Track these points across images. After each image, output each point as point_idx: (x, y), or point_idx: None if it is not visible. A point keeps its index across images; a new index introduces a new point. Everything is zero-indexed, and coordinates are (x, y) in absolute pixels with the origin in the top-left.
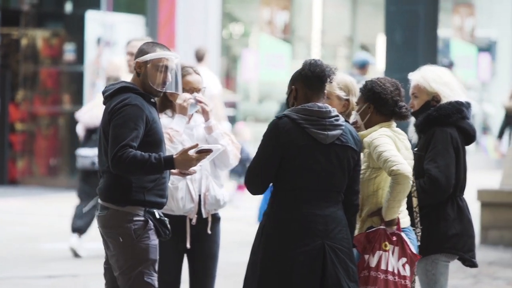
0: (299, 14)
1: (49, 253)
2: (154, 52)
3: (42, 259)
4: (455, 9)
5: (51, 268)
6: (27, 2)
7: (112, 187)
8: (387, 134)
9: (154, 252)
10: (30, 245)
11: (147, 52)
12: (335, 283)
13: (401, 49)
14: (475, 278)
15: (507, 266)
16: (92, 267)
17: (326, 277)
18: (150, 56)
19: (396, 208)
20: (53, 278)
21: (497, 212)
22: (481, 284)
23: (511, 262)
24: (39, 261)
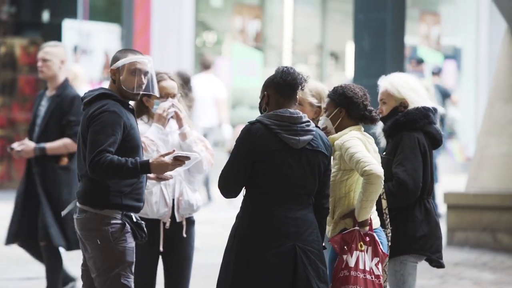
0: (270, 23)
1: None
2: (126, 57)
3: (21, 261)
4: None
5: (30, 270)
6: (5, 11)
7: (90, 191)
8: (357, 136)
9: (130, 255)
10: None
11: (119, 58)
12: (306, 284)
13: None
14: (441, 278)
15: (472, 267)
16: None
17: (297, 278)
18: (123, 61)
19: (369, 209)
20: (32, 280)
21: (463, 214)
22: (448, 284)
23: (476, 263)
24: (18, 263)
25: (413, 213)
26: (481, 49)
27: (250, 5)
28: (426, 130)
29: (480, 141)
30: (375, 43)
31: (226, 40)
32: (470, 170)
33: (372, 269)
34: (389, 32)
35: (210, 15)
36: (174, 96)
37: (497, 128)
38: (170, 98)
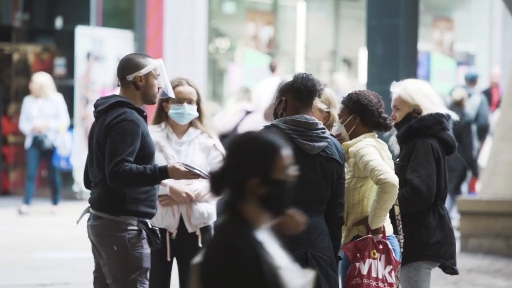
0: (283, 29)
1: (41, 262)
2: (149, 63)
3: (34, 268)
4: (435, 24)
5: (43, 276)
6: (19, 18)
7: (106, 198)
8: (372, 144)
9: (147, 261)
10: (23, 254)
11: (144, 64)
12: None
13: (382, 62)
14: (455, 285)
15: (486, 273)
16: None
17: None
18: (149, 67)
19: (382, 217)
20: (45, 286)
21: (476, 220)
22: None
23: (489, 270)
24: (32, 269)
25: (427, 220)
26: (495, 55)
27: (262, 11)
28: (440, 136)
29: (493, 147)
30: (388, 49)
31: (239, 46)
32: (483, 176)
33: (385, 277)
34: (402, 38)
35: (223, 21)
36: (190, 101)
37: (510, 134)
38: (186, 103)
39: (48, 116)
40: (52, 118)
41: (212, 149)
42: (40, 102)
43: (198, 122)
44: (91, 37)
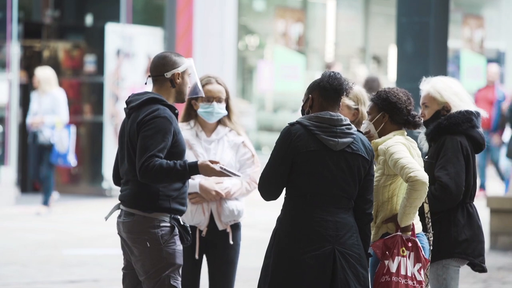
0: (313, 26)
1: (71, 259)
2: (184, 61)
3: (64, 265)
4: (465, 21)
5: (73, 273)
6: (49, 15)
7: (139, 195)
8: (402, 141)
9: (179, 257)
10: (52, 251)
11: (181, 62)
12: (345, 287)
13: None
14: (485, 282)
15: None
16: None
17: (336, 281)
18: (185, 65)
19: (412, 214)
20: (75, 283)
21: (506, 218)
22: None
23: None
24: (61, 266)
25: (456, 217)
26: None
27: (292, 9)
28: (469, 134)
29: None
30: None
31: (268, 43)
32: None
33: (414, 274)
34: (432, 35)
35: (252, 18)
36: (220, 100)
37: None
38: (215, 102)
39: (45, 111)
40: (49, 113)
41: (241, 146)
42: (40, 96)
43: (227, 120)
44: (121, 34)
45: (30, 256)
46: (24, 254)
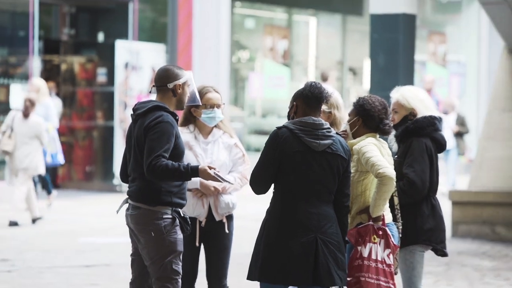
0: (296, 42)
1: (86, 246)
2: (185, 74)
3: (79, 251)
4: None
5: (87, 258)
6: (65, 32)
7: (144, 190)
8: (373, 142)
9: (180, 245)
10: (70, 239)
11: (182, 75)
12: (326, 271)
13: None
14: (447, 265)
15: (474, 255)
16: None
17: (318, 266)
18: (185, 77)
19: (381, 206)
20: (89, 267)
21: (466, 209)
22: (452, 271)
23: (477, 252)
24: (77, 252)
25: (421, 209)
26: (482, 65)
27: (279, 27)
28: (433, 136)
29: (481, 145)
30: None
31: (258, 57)
32: (472, 170)
33: (384, 259)
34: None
35: (243, 35)
36: (219, 106)
37: (495, 134)
38: (216, 108)
39: None
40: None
41: (234, 147)
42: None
43: (220, 124)
44: (128, 50)
45: (50, 243)
46: (44, 242)
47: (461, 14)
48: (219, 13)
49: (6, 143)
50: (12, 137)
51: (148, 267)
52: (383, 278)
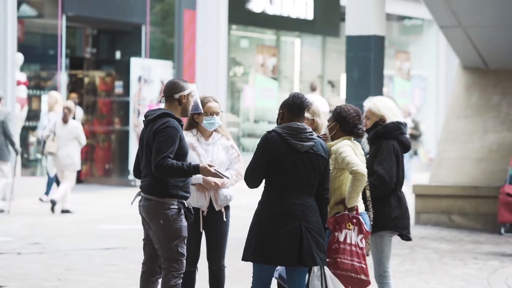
0: (284, 60)
1: (105, 232)
2: (189, 86)
3: (100, 236)
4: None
5: (106, 242)
6: (88, 51)
7: (154, 184)
8: (348, 144)
9: (185, 231)
10: (91, 226)
11: (187, 87)
12: (309, 253)
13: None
14: (411, 248)
15: (433, 240)
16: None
17: (302, 249)
18: (189, 89)
19: (355, 198)
20: (108, 249)
21: (427, 201)
22: (415, 252)
23: (436, 237)
24: (98, 237)
25: (389, 200)
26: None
27: (268, 46)
28: (399, 139)
29: (440, 147)
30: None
31: (251, 72)
32: (432, 168)
33: (357, 243)
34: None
35: (239, 53)
36: (218, 114)
37: (452, 137)
38: (215, 115)
39: None
40: None
41: (230, 148)
42: (49, 114)
43: (219, 128)
44: (141, 66)
45: (75, 230)
46: (70, 229)
47: (422, 35)
48: (218, 35)
49: (50, 145)
50: (55, 140)
51: (158, 250)
52: (356, 259)
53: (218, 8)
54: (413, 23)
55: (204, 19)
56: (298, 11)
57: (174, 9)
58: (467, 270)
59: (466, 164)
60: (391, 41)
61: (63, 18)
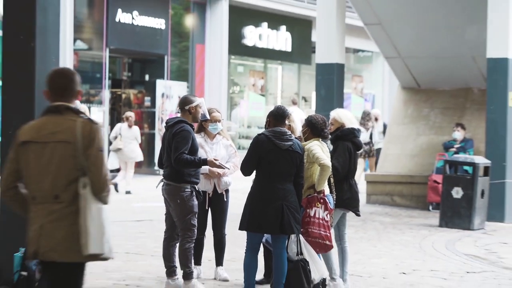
0: (270, 81)
1: (137, 208)
2: (196, 100)
3: (133, 212)
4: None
5: (138, 216)
6: (125, 74)
7: (173, 173)
8: (317, 144)
9: (196, 208)
10: (127, 205)
11: (194, 100)
12: (288, 224)
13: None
14: (363, 221)
15: (380, 215)
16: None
17: (283, 221)
18: (197, 102)
19: (322, 184)
20: (139, 221)
21: (375, 186)
22: (366, 224)
23: (382, 213)
24: (132, 212)
25: (342, 186)
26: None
27: (258, 71)
28: (352, 141)
29: (384, 147)
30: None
31: (245, 90)
32: (379, 162)
33: (324, 217)
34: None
35: (236, 76)
36: (220, 121)
37: (393, 139)
38: (218, 122)
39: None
40: None
41: (229, 146)
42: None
43: (221, 132)
44: (164, 85)
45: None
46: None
47: (372, 63)
48: (221, 63)
49: (118, 143)
50: (121, 140)
51: (176, 222)
52: (323, 229)
53: (221, 43)
54: (365, 55)
55: (210, 51)
56: (280, 45)
57: (189, 44)
58: (404, 237)
59: (404, 159)
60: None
61: (106, 50)
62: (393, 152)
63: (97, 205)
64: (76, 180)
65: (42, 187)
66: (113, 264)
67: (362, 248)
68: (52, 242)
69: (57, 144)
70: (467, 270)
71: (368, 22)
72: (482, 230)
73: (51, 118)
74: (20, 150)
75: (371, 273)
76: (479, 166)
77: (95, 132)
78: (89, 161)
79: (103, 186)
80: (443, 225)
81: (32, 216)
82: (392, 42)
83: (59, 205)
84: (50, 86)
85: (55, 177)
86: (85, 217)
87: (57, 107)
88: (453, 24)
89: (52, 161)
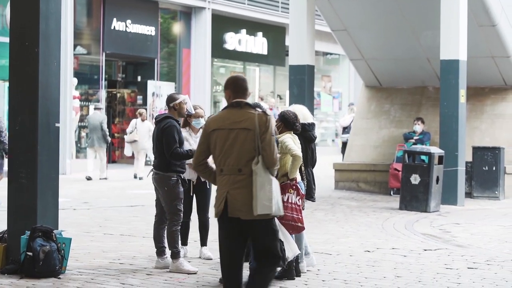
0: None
1: (131, 195)
2: (180, 97)
3: (127, 198)
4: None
5: (132, 201)
6: (120, 76)
7: (161, 163)
8: (290, 136)
9: (181, 194)
10: (121, 191)
11: (177, 98)
12: None
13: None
14: (332, 205)
15: (347, 199)
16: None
17: None
18: (180, 99)
19: (294, 172)
20: (133, 206)
21: (342, 173)
22: (334, 208)
23: (348, 197)
24: (127, 198)
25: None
26: (351, 93)
27: (238, 72)
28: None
29: (350, 138)
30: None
31: None
32: (346, 152)
33: (296, 202)
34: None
35: (219, 77)
36: (203, 117)
37: (358, 132)
38: (201, 117)
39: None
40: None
41: None
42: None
43: None
44: (154, 85)
45: (112, 193)
46: (109, 192)
47: (339, 65)
48: (205, 65)
49: (134, 136)
50: (137, 133)
51: (164, 207)
52: (295, 213)
53: (205, 47)
54: (333, 57)
55: (195, 55)
56: (257, 49)
57: (176, 48)
58: (369, 219)
59: (368, 149)
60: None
61: (103, 55)
62: (358, 143)
63: (267, 176)
64: (253, 158)
65: (229, 162)
66: (108, 245)
67: (331, 229)
68: (237, 204)
69: (240, 130)
70: (424, 248)
71: (335, 28)
72: (437, 212)
73: (232, 111)
74: (209, 135)
75: (339, 251)
76: (434, 156)
77: (269, 122)
78: (263, 143)
79: (274, 162)
80: (403, 208)
81: (220, 184)
82: (356, 46)
83: (242, 177)
84: (232, 88)
85: (238, 155)
86: (256, 186)
87: (239, 103)
88: (410, 30)
89: (235, 143)
